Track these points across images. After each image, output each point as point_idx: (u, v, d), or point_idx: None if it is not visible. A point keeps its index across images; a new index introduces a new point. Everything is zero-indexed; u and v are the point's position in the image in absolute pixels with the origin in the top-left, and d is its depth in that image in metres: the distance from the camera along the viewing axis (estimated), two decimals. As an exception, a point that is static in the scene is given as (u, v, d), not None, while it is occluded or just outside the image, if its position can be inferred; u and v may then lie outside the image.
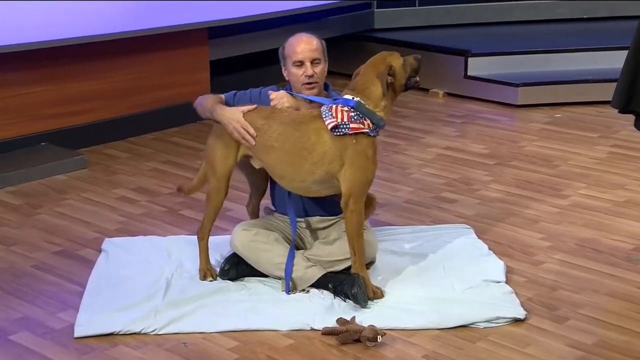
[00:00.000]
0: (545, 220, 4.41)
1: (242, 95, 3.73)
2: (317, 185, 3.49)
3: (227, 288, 3.61)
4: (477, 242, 4.08)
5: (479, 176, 5.05)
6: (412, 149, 5.54)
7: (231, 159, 3.57)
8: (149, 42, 5.73)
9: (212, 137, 3.63)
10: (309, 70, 3.60)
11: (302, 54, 3.61)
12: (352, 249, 3.48)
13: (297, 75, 3.62)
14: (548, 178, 5.00)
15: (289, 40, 3.68)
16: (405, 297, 3.53)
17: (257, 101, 3.68)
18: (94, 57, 5.54)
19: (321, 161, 3.42)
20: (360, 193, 3.44)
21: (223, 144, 3.57)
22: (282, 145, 3.46)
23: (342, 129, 3.40)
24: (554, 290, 3.67)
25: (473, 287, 3.60)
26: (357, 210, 3.45)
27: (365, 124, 3.42)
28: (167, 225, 4.36)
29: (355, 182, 3.42)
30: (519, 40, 7.14)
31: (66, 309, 3.51)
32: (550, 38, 7.18)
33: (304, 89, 3.63)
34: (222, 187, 3.59)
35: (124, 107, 5.77)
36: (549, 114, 6.29)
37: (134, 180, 5.00)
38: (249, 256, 3.61)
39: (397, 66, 3.47)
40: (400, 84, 3.49)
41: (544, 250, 4.05)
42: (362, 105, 3.43)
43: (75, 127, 5.54)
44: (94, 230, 4.31)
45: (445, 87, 6.79)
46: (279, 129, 3.47)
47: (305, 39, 3.64)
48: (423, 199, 4.71)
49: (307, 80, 3.60)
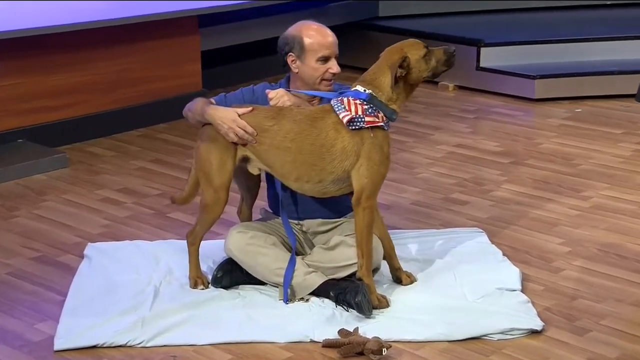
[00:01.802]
0: (565, 223, 4.41)
1: (233, 96, 3.71)
2: (335, 185, 3.50)
3: (220, 297, 3.61)
4: (490, 247, 4.08)
5: (492, 176, 5.05)
6: (420, 147, 5.54)
7: (229, 165, 3.55)
8: (135, 30, 5.73)
9: (203, 143, 3.57)
10: (335, 67, 3.61)
11: (329, 49, 3.60)
12: (360, 250, 3.49)
13: (320, 70, 3.61)
14: (568, 178, 5.00)
15: (308, 32, 3.61)
16: (412, 306, 3.53)
17: (250, 100, 3.68)
18: (75, 47, 5.54)
19: (340, 157, 3.44)
20: (374, 189, 3.47)
21: (218, 150, 3.54)
22: (298, 146, 3.46)
23: (357, 122, 3.42)
24: (574, 299, 3.67)
25: (486, 296, 3.61)
26: (370, 207, 3.46)
27: (379, 117, 3.44)
28: (155, 228, 4.36)
29: (370, 177, 3.44)
30: (536, 29, 7.15)
31: (45, 320, 3.51)
32: (571, 26, 7.18)
33: (323, 85, 3.62)
34: (221, 198, 3.57)
35: (108, 101, 5.77)
36: (569, 108, 6.30)
37: (119, 181, 5.01)
38: (245, 261, 3.61)
39: (414, 58, 3.46)
40: (417, 77, 3.48)
41: (563, 256, 4.06)
42: (374, 98, 3.44)
43: (55, 122, 5.54)
44: (75, 234, 4.31)
45: (456, 80, 6.79)
46: (293, 128, 3.47)
47: (329, 32, 3.64)
48: (432, 200, 4.71)
49: (331, 77, 3.61)
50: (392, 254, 3.70)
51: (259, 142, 3.50)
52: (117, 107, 5.80)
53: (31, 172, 5.08)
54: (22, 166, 5.07)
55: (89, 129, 5.65)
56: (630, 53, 6.70)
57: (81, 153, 5.44)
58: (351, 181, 3.47)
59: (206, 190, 3.58)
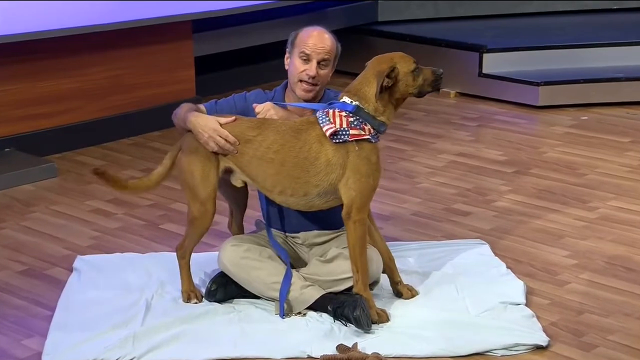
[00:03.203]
0: (571, 235, 4.40)
1: (225, 102, 3.71)
2: (320, 199, 3.49)
3: (214, 311, 3.60)
4: (493, 260, 4.07)
5: (495, 186, 5.04)
6: (421, 156, 5.54)
7: (213, 176, 3.55)
8: (126, 35, 5.73)
9: (184, 155, 3.57)
10: (312, 70, 3.60)
11: (312, 49, 3.60)
12: (355, 265, 3.48)
13: (298, 69, 3.62)
14: (573, 188, 5.00)
15: (304, 29, 3.67)
16: (413, 321, 3.52)
17: (242, 107, 3.69)
18: (64, 53, 5.54)
19: (325, 170, 3.43)
20: (364, 202, 3.45)
21: (200, 161, 3.54)
22: (282, 158, 3.46)
23: (341, 135, 3.41)
24: (581, 313, 3.66)
25: (489, 310, 3.60)
26: (361, 220, 3.45)
27: (366, 129, 3.43)
28: (146, 240, 4.35)
29: (358, 190, 3.43)
30: (540, 34, 7.15)
31: (32, 336, 3.49)
32: (576, 31, 7.19)
33: (298, 87, 3.62)
34: (209, 210, 3.57)
35: (99, 109, 5.77)
36: (574, 116, 6.30)
37: (109, 191, 4.98)
38: (239, 275, 3.60)
39: (403, 70, 3.46)
40: (404, 91, 3.47)
41: (569, 269, 4.05)
42: (361, 110, 3.43)
43: (43, 130, 5.53)
44: (64, 246, 4.30)
45: (458, 87, 6.79)
46: (277, 140, 3.47)
47: (320, 34, 3.63)
48: (433, 211, 4.71)
49: (307, 79, 3.60)
50: (392, 267, 3.69)
51: (241, 152, 3.50)
52: (107, 114, 5.79)
53: (19, 182, 5.07)
54: (9, 176, 5.06)
55: (79, 137, 5.64)
56: (637, 59, 6.71)
57: (70, 162, 5.43)
58: (339, 194, 3.46)
59: (192, 204, 3.57)
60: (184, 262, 3.68)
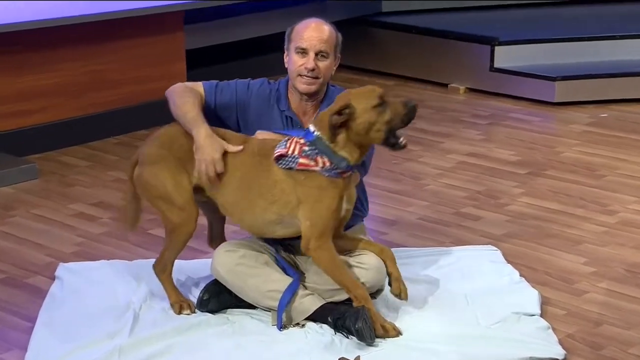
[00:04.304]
0: (589, 241, 4.41)
1: (226, 89, 3.75)
2: (283, 229, 3.55)
3: (206, 322, 3.60)
4: (505, 268, 4.08)
5: (508, 188, 5.05)
6: (428, 156, 5.55)
7: (186, 182, 3.58)
8: (112, 27, 5.74)
9: (146, 167, 3.60)
10: (309, 62, 3.62)
11: (308, 42, 3.62)
12: (343, 286, 3.50)
13: (296, 63, 3.64)
14: (592, 190, 5.00)
15: (299, 22, 3.70)
16: (419, 333, 3.52)
17: (243, 99, 3.72)
18: (46, 46, 5.55)
19: (280, 199, 3.48)
20: (321, 229, 3.46)
21: (168, 169, 3.57)
22: (245, 181, 3.52)
23: (288, 161, 3.45)
24: (599, 325, 3.67)
25: (501, 322, 3.60)
26: (320, 246, 3.46)
27: (319, 161, 3.44)
28: (134, 247, 4.36)
29: (311, 219, 3.45)
30: (556, 25, 7.16)
31: (11, 349, 3.50)
32: (595, 22, 7.20)
33: (299, 81, 3.65)
34: (191, 214, 3.59)
35: (83, 105, 5.78)
36: (593, 113, 6.30)
37: (94, 194, 5.00)
38: (234, 283, 3.61)
39: (361, 106, 3.42)
40: (365, 129, 3.42)
41: (587, 277, 4.06)
42: (320, 141, 3.44)
43: (23, 129, 5.54)
44: (45, 253, 4.30)
45: (468, 82, 6.80)
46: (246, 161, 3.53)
47: (316, 25, 3.66)
48: (441, 215, 4.72)
49: (306, 72, 3.62)
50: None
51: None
52: (92, 112, 5.80)
53: (-3, 185, 5.08)
54: (-13, 178, 5.08)
55: (61, 136, 5.65)
56: (660, 52, 6.72)
57: (52, 163, 5.44)
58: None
59: (169, 212, 3.59)
60: (164, 276, 3.70)
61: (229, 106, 3.75)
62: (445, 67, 6.85)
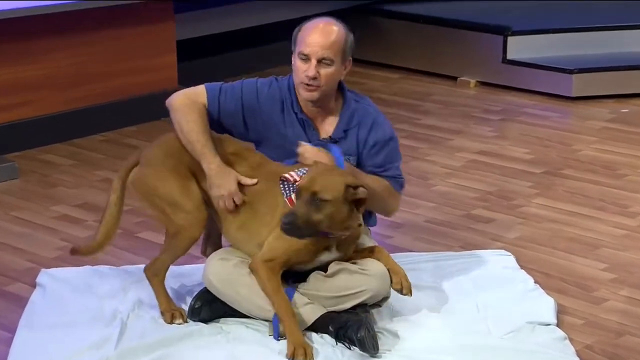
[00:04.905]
0: (608, 245, 4.41)
1: (231, 91, 3.75)
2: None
3: (199, 332, 3.60)
4: (519, 274, 4.08)
5: (521, 188, 5.05)
6: (436, 154, 5.55)
7: (195, 187, 3.63)
8: (98, 16, 5.74)
9: (149, 168, 3.64)
10: (311, 70, 3.62)
11: (310, 47, 3.63)
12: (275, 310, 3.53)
13: (299, 69, 3.66)
14: (611, 191, 5.01)
15: (306, 24, 3.70)
16: (427, 344, 3.53)
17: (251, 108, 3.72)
18: (27, 35, 5.55)
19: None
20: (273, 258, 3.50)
21: (177, 173, 3.62)
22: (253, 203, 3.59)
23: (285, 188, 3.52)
24: (620, 335, 3.67)
25: (515, 332, 3.60)
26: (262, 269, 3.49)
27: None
28: (121, 251, 4.36)
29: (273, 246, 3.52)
30: (573, 14, 7.16)
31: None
32: (615, 10, 7.20)
33: (301, 88, 3.66)
34: (199, 217, 3.62)
35: (66, 100, 5.78)
36: (613, 108, 6.30)
37: (78, 194, 5.00)
38: (227, 293, 3.61)
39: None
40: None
41: (607, 284, 4.06)
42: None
43: (2, 125, 5.54)
44: (26, 258, 4.30)
45: (479, 75, 6.80)
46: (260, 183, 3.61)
47: (323, 27, 3.66)
48: (450, 217, 4.72)
49: (307, 80, 3.64)
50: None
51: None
52: (76, 106, 5.80)
53: (-26, 185, 5.09)
54: (-36, 177, 5.09)
55: (43, 133, 5.65)
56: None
57: (33, 162, 5.44)
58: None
59: (175, 215, 3.62)
60: (157, 280, 3.70)
61: (235, 113, 3.75)
62: (454, 59, 6.85)
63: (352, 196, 3.40)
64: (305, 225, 3.35)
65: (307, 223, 3.35)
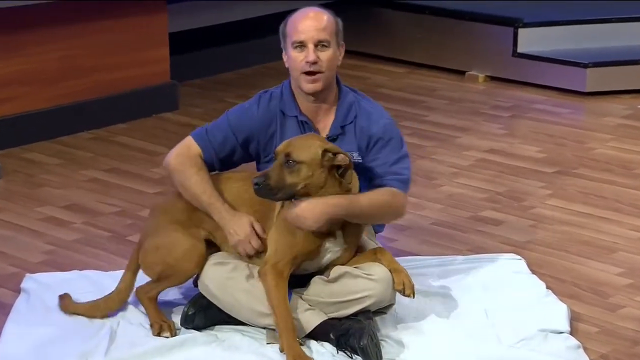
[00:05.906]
0: (625, 248, 4.41)
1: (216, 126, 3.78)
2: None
3: (192, 340, 3.60)
4: (530, 279, 4.08)
5: (532, 189, 5.05)
6: (443, 153, 5.55)
7: (200, 244, 3.69)
8: (86, 7, 5.74)
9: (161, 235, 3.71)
10: (310, 55, 3.63)
11: (304, 34, 3.64)
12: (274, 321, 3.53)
13: (297, 60, 3.66)
14: (627, 192, 5.00)
15: (292, 16, 3.72)
16: (434, 352, 3.52)
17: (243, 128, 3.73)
18: (10, 28, 5.54)
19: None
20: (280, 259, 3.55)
21: (183, 230, 3.68)
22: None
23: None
24: (637, 344, 3.67)
25: (526, 340, 3.60)
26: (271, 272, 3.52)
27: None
28: (110, 255, 4.36)
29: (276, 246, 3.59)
30: (587, 5, 7.16)
31: (-28, 370, 3.50)
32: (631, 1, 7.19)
33: (303, 80, 3.66)
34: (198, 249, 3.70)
35: (52, 96, 5.77)
36: (629, 104, 6.30)
37: (65, 195, 5.00)
38: (224, 299, 3.61)
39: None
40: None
41: (623, 290, 4.05)
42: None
43: (-15, 122, 5.55)
44: (10, 263, 4.30)
45: (488, 69, 6.80)
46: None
47: (312, 14, 3.68)
48: (457, 219, 4.72)
49: (308, 67, 3.63)
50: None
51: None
52: (62, 103, 5.80)
53: (-45, 185, 5.09)
54: (-56, 177, 5.08)
55: (28, 131, 5.65)
56: None
57: (17, 161, 5.43)
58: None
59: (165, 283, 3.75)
60: (148, 299, 3.72)
61: (227, 140, 3.77)
62: (462, 53, 6.85)
63: (330, 161, 3.47)
64: (277, 186, 3.44)
65: (280, 184, 3.44)
